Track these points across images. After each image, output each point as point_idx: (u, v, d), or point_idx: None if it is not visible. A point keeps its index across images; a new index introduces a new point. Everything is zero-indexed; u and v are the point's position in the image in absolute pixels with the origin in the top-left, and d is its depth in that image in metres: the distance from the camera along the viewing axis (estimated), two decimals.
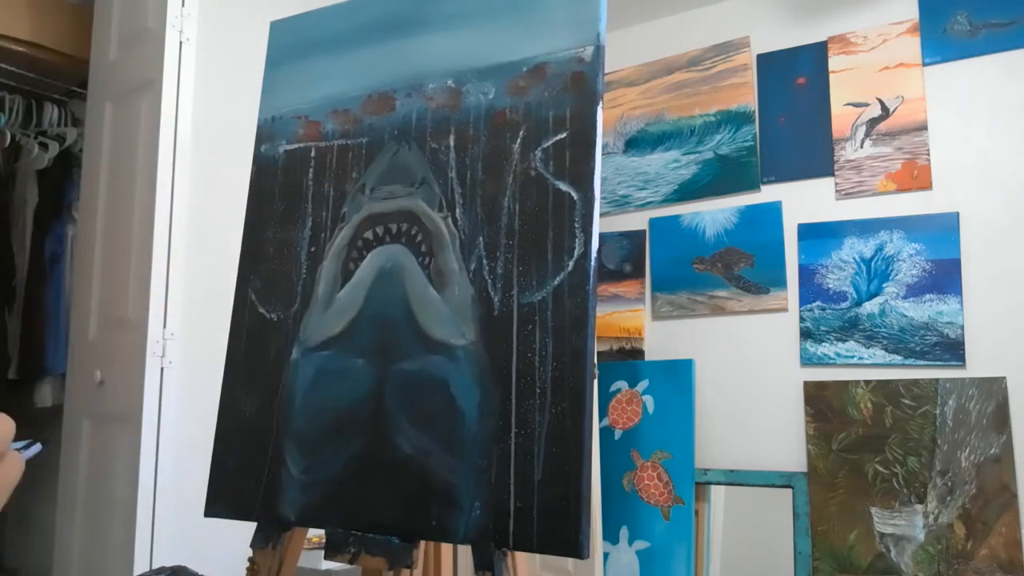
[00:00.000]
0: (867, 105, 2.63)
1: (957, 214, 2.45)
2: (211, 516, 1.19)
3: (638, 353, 2.96)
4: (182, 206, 2.23)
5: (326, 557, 1.08)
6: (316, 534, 2.05)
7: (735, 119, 2.87)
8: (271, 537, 1.12)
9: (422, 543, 1.11)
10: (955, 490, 2.30)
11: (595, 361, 1.04)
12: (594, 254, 1.02)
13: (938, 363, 2.41)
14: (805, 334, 2.63)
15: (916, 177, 2.52)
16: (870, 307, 2.53)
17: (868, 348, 2.52)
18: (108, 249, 2.34)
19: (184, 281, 2.21)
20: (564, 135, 1.07)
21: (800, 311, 2.65)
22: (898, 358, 2.46)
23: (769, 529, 2.61)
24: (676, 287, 2.91)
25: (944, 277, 2.43)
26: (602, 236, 2.81)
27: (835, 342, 2.57)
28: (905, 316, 2.47)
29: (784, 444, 2.61)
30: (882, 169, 2.58)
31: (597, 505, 2.68)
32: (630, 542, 2.72)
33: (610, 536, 2.75)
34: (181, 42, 2.26)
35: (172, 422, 2.13)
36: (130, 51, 2.40)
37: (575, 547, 0.93)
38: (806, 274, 2.66)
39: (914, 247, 2.49)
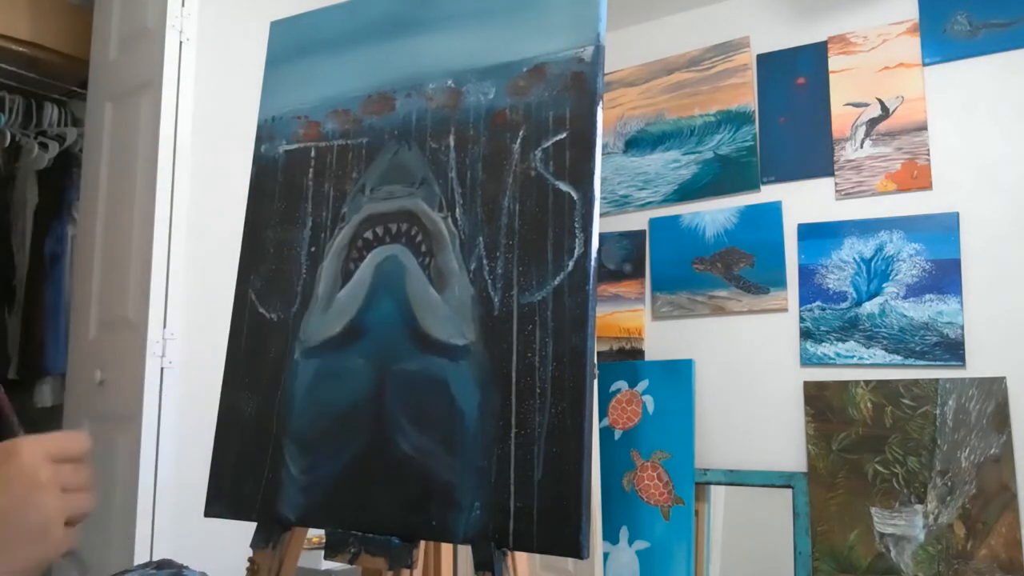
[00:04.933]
0: (867, 105, 2.63)
1: (957, 214, 2.45)
2: (211, 516, 1.19)
3: (638, 353, 2.96)
4: (182, 206, 2.23)
5: (326, 557, 1.08)
6: (316, 534, 2.05)
7: (735, 119, 2.87)
8: (271, 537, 1.12)
9: (422, 543, 1.11)
10: (955, 490, 2.30)
11: (595, 361, 1.04)
12: (594, 254, 1.01)
13: (938, 363, 2.40)
14: (805, 334, 2.63)
15: (916, 177, 2.52)
16: (870, 307, 2.53)
17: (868, 348, 2.52)
18: (108, 249, 2.34)
19: (184, 281, 2.21)
20: (564, 135, 1.07)
21: (800, 311, 2.65)
22: (898, 358, 2.46)
23: (769, 529, 2.61)
24: (676, 287, 2.90)
25: (944, 277, 2.43)
26: (602, 236, 2.81)
27: (835, 342, 2.57)
28: (905, 316, 2.47)
29: (784, 444, 2.61)
30: (882, 169, 2.58)
31: (597, 505, 2.68)
32: (630, 542, 2.72)
33: (610, 536, 2.75)
34: (181, 42, 2.26)
35: (172, 422, 2.13)
36: (130, 51, 2.40)
37: (575, 547, 0.93)
38: (806, 274, 2.66)
39: (914, 247, 2.49)
